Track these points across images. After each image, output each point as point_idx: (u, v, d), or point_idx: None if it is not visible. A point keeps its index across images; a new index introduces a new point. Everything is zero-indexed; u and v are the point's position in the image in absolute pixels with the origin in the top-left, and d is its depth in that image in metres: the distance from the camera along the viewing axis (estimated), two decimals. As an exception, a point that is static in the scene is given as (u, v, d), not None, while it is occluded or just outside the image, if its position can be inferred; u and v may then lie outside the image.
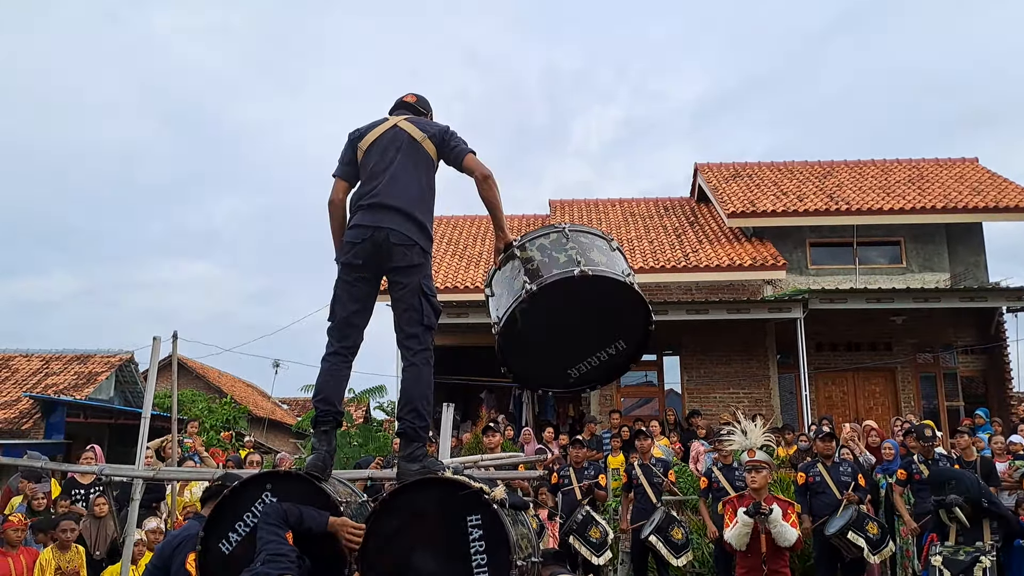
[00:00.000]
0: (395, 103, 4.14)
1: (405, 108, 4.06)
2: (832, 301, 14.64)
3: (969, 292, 14.94)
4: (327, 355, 3.65)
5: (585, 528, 8.61)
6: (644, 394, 17.10)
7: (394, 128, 3.86)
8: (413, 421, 3.55)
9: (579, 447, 9.54)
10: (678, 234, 17.95)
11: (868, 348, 16.26)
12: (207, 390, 24.75)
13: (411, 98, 4.12)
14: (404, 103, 4.10)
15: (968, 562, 5.61)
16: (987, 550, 5.61)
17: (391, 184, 3.69)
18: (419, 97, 4.14)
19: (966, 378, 16.49)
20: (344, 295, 3.68)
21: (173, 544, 3.80)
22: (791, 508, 6.39)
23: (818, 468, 8.54)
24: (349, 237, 3.69)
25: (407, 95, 4.14)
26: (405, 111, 4.02)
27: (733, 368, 16.00)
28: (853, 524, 7.95)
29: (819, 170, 19.28)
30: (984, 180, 17.80)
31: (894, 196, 16.96)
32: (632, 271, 3.86)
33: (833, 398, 16.21)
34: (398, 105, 4.10)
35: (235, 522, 3.29)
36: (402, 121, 3.89)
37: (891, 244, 17.08)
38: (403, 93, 4.18)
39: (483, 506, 3.16)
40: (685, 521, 9.08)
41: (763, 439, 6.86)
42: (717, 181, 18.77)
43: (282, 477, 3.40)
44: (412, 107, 4.07)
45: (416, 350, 3.60)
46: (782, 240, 16.88)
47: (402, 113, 4.00)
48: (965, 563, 5.61)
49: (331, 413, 3.58)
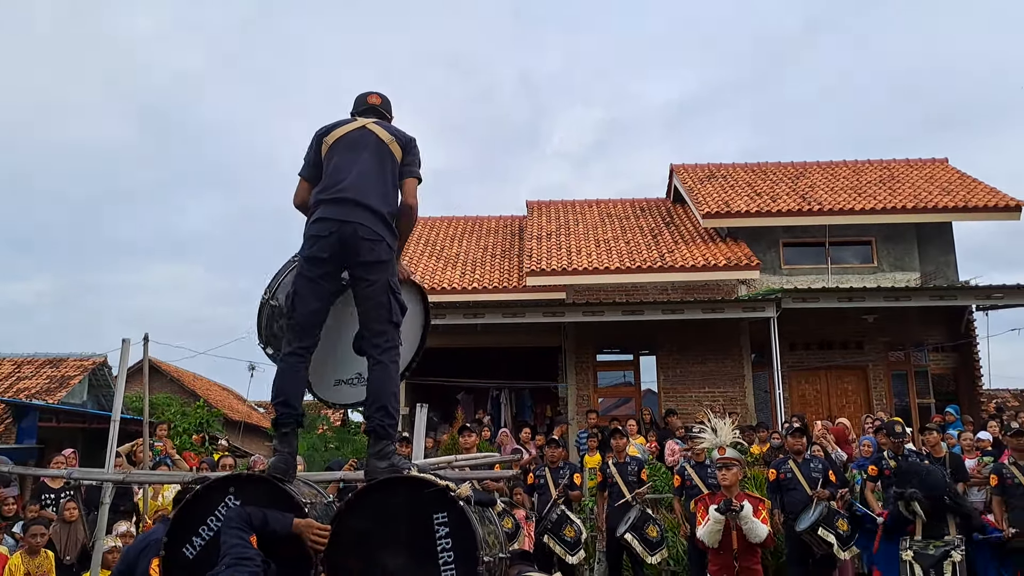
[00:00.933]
0: (358, 102, 4.11)
1: (371, 111, 4.05)
2: (805, 300, 14.79)
3: (939, 291, 15.13)
4: (285, 354, 3.58)
5: (560, 527, 8.63)
6: (621, 394, 17.17)
7: (362, 128, 3.87)
8: (382, 419, 3.52)
9: (554, 447, 9.57)
10: (654, 234, 18.04)
11: (840, 347, 16.43)
12: (182, 393, 24.52)
13: (376, 99, 4.10)
14: (369, 105, 4.08)
15: (938, 556, 5.67)
16: (956, 544, 5.67)
17: (358, 179, 3.67)
18: (383, 98, 4.13)
19: (937, 376, 16.70)
20: (306, 292, 3.59)
21: (138, 548, 3.76)
22: (762, 504, 6.45)
23: (789, 465, 8.63)
24: (314, 231, 3.63)
25: (371, 95, 4.12)
26: (371, 115, 4.02)
27: (708, 367, 16.11)
28: (823, 520, 8.03)
29: (792, 171, 19.46)
30: (954, 180, 18.04)
31: (865, 196, 17.15)
32: None
33: (806, 396, 16.36)
34: (363, 107, 4.08)
35: (198, 526, 3.27)
36: (371, 123, 3.90)
37: (863, 244, 17.27)
38: (366, 92, 4.15)
39: (449, 504, 3.17)
40: (660, 519, 9.14)
41: (733, 437, 6.91)
42: (692, 182, 18.89)
43: (245, 480, 3.38)
44: (377, 110, 4.06)
45: (384, 347, 3.56)
46: (756, 240, 17.02)
47: (369, 116, 4.00)
48: (935, 557, 5.68)
49: (292, 415, 3.54)
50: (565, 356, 16.41)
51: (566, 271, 16.24)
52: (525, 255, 17.27)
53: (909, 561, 5.75)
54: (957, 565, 5.59)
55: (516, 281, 16.88)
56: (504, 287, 16.65)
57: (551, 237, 18.06)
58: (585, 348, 16.44)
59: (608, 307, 15.12)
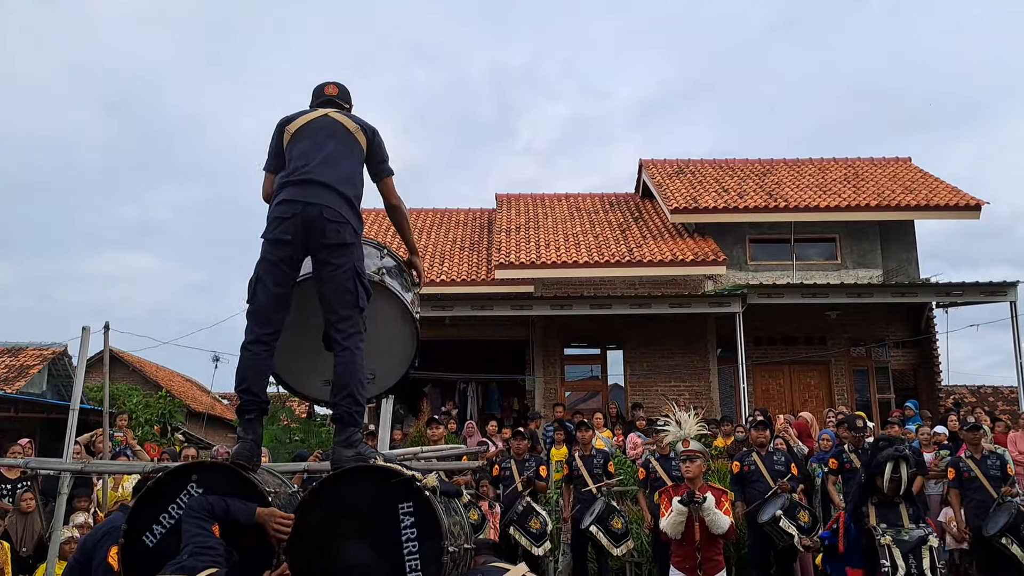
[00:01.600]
0: (316, 94, 4.04)
1: (329, 102, 3.98)
2: (770, 296, 14.99)
3: (901, 288, 15.42)
4: (247, 343, 3.49)
5: (525, 519, 8.66)
6: (588, 388, 17.28)
7: (326, 116, 3.81)
8: (349, 407, 3.47)
9: (520, 439, 9.58)
10: (623, 229, 18.12)
11: (804, 342, 16.67)
12: (143, 384, 24.14)
13: (333, 90, 4.02)
14: (327, 96, 4.00)
15: (915, 542, 5.74)
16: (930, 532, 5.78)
17: (323, 164, 3.61)
18: (340, 89, 4.06)
19: (897, 372, 17.02)
20: (268, 277, 3.51)
21: (96, 537, 3.69)
22: (724, 496, 6.51)
23: (753, 457, 8.74)
24: (277, 213, 3.55)
25: (328, 86, 4.04)
26: (330, 105, 3.95)
27: (675, 362, 16.27)
28: (785, 512, 8.15)
29: (759, 168, 19.65)
30: (917, 179, 18.34)
31: (830, 194, 17.38)
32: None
33: (770, 391, 16.57)
34: (321, 98, 4.01)
35: (160, 514, 3.22)
36: (333, 112, 3.86)
37: (827, 241, 17.50)
38: (323, 83, 4.07)
39: (415, 494, 3.15)
40: (625, 511, 9.20)
41: (697, 429, 6.97)
42: (661, 177, 19.00)
43: (208, 468, 3.34)
44: (336, 101, 3.99)
45: (350, 333, 3.49)
46: (723, 236, 17.17)
47: (328, 107, 3.94)
48: (912, 543, 5.74)
49: (255, 402, 3.48)
50: (533, 349, 16.46)
51: (535, 265, 16.26)
52: (494, 248, 17.26)
53: (888, 545, 5.77)
54: (934, 550, 5.67)
55: (484, 274, 16.86)
56: (472, 280, 16.62)
57: (520, 230, 18.07)
58: (553, 342, 16.49)
59: (576, 301, 15.18)
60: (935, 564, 5.62)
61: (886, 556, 5.71)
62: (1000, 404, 21.96)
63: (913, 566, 5.65)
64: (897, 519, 5.80)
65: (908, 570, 5.64)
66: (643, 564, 9.81)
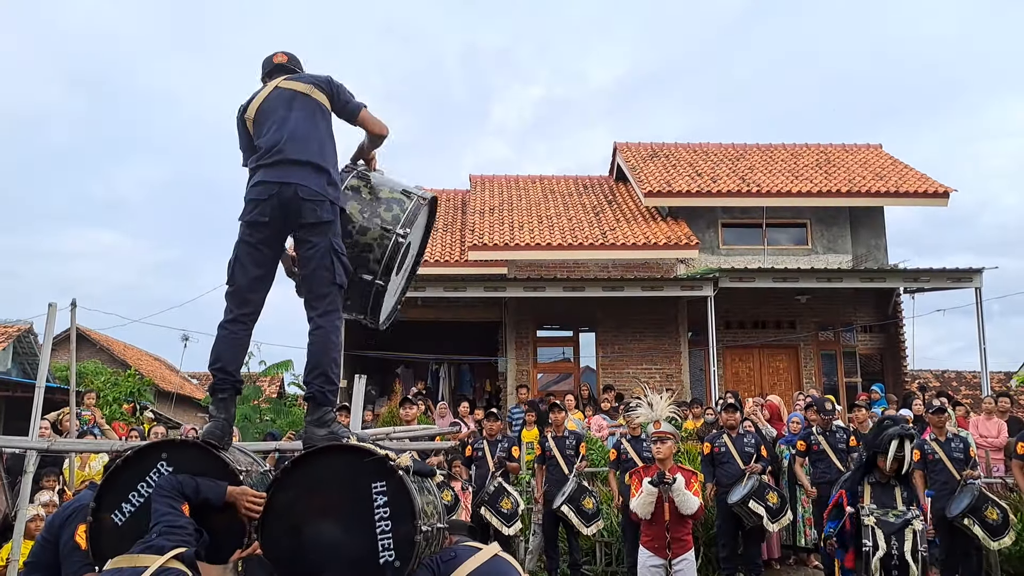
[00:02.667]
0: (264, 66, 3.95)
1: (279, 70, 3.89)
2: (742, 280, 15.11)
3: (869, 273, 15.63)
4: (225, 322, 3.48)
5: (497, 499, 8.69)
6: (560, 370, 17.34)
7: (276, 90, 3.73)
8: (322, 385, 3.46)
9: (492, 420, 9.60)
10: (596, 212, 18.14)
11: (774, 326, 16.86)
12: (111, 363, 23.84)
13: (281, 58, 3.93)
14: (276, 65, 3.91)
15: (899, 524, 5.80)
16: (916, 514, 5.83)
17: (291, 141, 3.55)
18: (289, 55, 3.96)
19: (864, 356, 17.28)
20: (246, 258, 3.50)
21: (64, 515, 3.64)
22: (694, 477, 6.57)
23: (723, 439, 8.85)
24: (253, 195, 3.52)
25: (276, 55, 3.94)
26: (280, 73, 3.86)
27: (646, 344, 16.36)
28: (754, 494, 8.26)
29: (732, 152, 19.75)
30: (887, 166, 18.54)
31: (802, 179, 17.52)
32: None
33: (740, 374, 16.75)
34: (270, 67, 3.92)
35: (128, 492, 3.17)
36: (281, 81, 3.77)
37: (798, 226, 17.67)
38: (270, 54, 3.97)
39: (388, 473, 3.14)
40: (596, 492, 9.27)
41: (668, 411, 7.02)
42: (635, 160, 19.02)
43: (178, 445, 3.30)
44: (285, 67, 3.90)
45: (326, 310, 3.47)
46: (695, 220, 17.26)
47: (277, 75, 3.85)
48: (896, 525, 5.80)
49: (228, 380, 3.45)
50: (505, 331, 16.47)
51: (508, 246, 16.24)
52: (468, 229, 17.20)
53: (872, 527, 5.83)
54: (918, 533, 5.74)
55: (458, 255, 16.82)
56: (446, 261, 16.57)
57: (494, 212, 18.02)
58: (525, 324, 16.51)
59: (549, 283, 15.20)
60: (917, 547, 5.68)
61: (869, 536, 5.80)
62: (963, 389, 22.42)
63: (895, 547, 5.73)
64: (892, 501, 5.86)
65: (889, 551, 5.72)
66: (613, 544, 9.90)
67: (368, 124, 3.82)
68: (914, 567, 5.62)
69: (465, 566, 3.27)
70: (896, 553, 5.68)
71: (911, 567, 5.62)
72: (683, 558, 6.33)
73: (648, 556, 6.40)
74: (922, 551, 5.68)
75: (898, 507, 5.84)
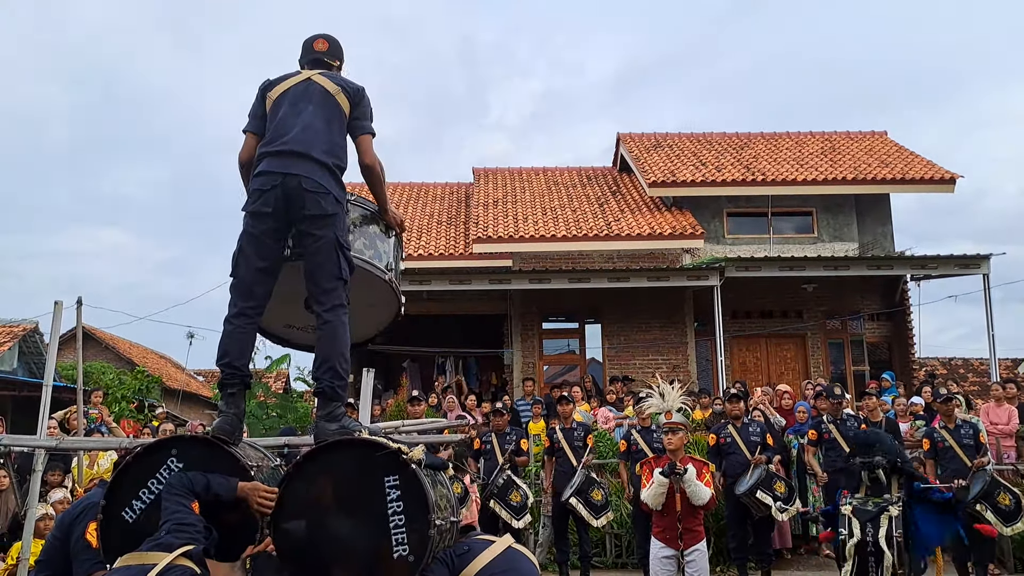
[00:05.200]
0: (305, 49, 3.91)
1: (316, 61, 3.86)
2: (747, 269, 15.06)
3: (876, 260, 15.55)
4: (230, 316, 3.44)
5: (506, 492, 8.67)
6: (566, 362, 17.30)
7: (307, 81, 3.69)
8: (332, 380, 3.42)
9: (499, 416, 9.56)
10: (600, 203, 18.07)
11: (780, 315, 16.79)
12: (117, 361, 23.88)
13: (322, 45, 3.88)
14: (316, 53, 3.88)
15: (876, 512, 5.85)
16: (894, 501, 5.87)
17: (303, 132, 3.51)
18: (331, 43, 3.92)
19: (872, 344, 17.21)
20: (250, 250, 3.45)
21: (74, 513, 3.62)
22: (706, 468, 6.54)
23: (729, 430, 8.82)
24: (257, 185, 3.47)
25: (317, 41, 3.90)
26: (318, 65, 3.84)
27: (652, 335, 16.31)
28: (761, 484, 8.24)
29: (736, 141, 19.65)
30: (892, 153, 18.43)
31: (807, 167, 17.42)
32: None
33: (747, 363, 16.69)
34: (309, 55, 3.89)
35: (139, 489, 3.15)
36: (316, 75, 3.72)
37: (803, 214, 17.57)
38: (312, 37, 3.93)
39: (401, 466, 3.11)
40: (605, 483, 9.25)
41: (680, 402, 6.99)
42: (639, 151, 18.94)
43: (188, 441, 3.27)
44: (323, 59, 3.87)
45: (331, 305, 3.42)
46: (700, 210, 17.18)
47: (315, 67, 3.83)
48: (873, 512, 5.85)
49: (237, 375, 3.41)
50: (511, 324, 16.44)
51: (512, 239, 16.18)
52: (472, 222, 17.15)
53: (848, 516, 5.94)
54: (893, 519, 5.78)
55: (462, 248, 16.77)
56: (450, 254, 16.52)
57: (498, 204, 17.97)
58: (531, 316, 16.47)
59: (554, 275, 15.15)
60: (891, 534, 5.73)
61: (844, 525, 5.90)
62: (971, 376, 22.35)
63: (870, 534, 5.77)
64: (886, 491, 5.92)
65: (863, 538, 5.78)
66: (623, 535, 9.89)
67: (362, 150, 3.71)
68: (888, 553, 5.66)
69: (480, 559, 3.25)
70: (871, 540, 5.74)
71: (885, 553, 5.66)
72: (695, 549, 6.31)
73: (660, 547, 6.38)
74: (896, 537, 5.71)
75: (893, 493, 5.90)
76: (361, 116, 3.72)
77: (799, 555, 10.07)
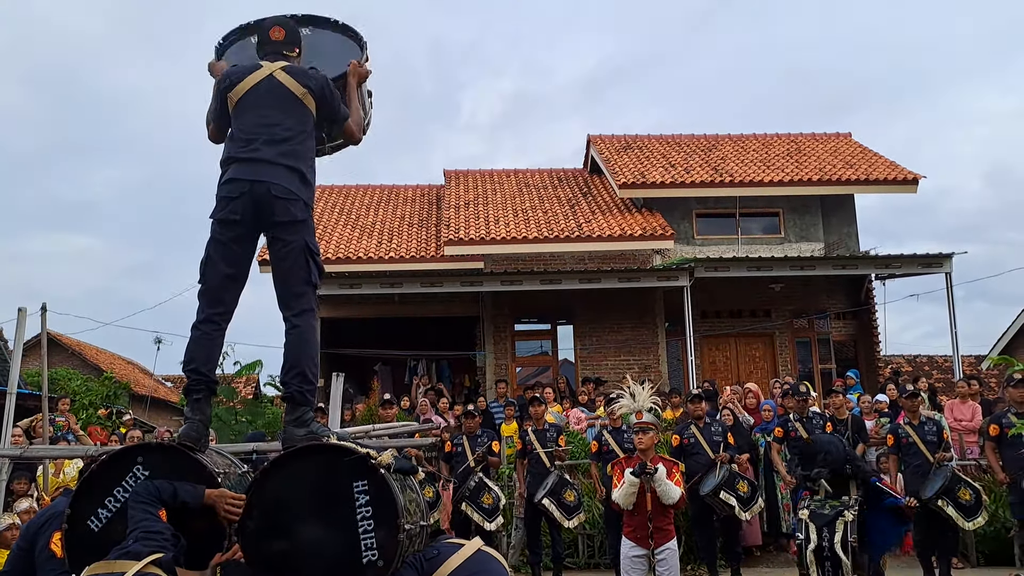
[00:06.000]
0: (261, 38, 3.81)
1: (276, 52, 3.75)
2: (716, 269, 15.22)
3: (842, 260, 15.79)
4: (198, 322, 3.44)
5: (478, 495, 8.67)
6: (539, 363, 17.36)
7: (270, 79, 3.60)
8: (300, 385, 3.42)
9: (471, 418, 9.55)
10: (571, 204, 18.15)
11: (749, 315, 16.97)
12: (84, 367, 23.51)
13: (279, 34, 3.77)
14: (272, 44, 3.77)
15: (832, 516, 5.91)
16: (851, 504, 5.93)
17: (270, 139, 3.50)
18: (287, 31, 3.80)
19: (838, 342, 17.45)
20: (217, 257, 3.45)
21: (39, 523, 3.58)
22: (676, 467, 6.60)
23: (691, 430, 8.87)
24: (224, 192, 3.47)
25: (273, 29, 3.78)
26: (277, 56, 3.73)
27: (624, 336, 16.42)
28: (724, 484, 8.30)
29: (704, 143, 19.83)
30: (856, 154, 18.71)
31: (773, 169, 17.63)
32: None
33: (717, 363, 16.85)
34: (266, 46, 3.79)
35: (105, 498, 3.13)
36: (278, 71, 3.62)
37: (770, 215, 17.77)
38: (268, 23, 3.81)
39: (370, 471, 3.12)
40: (577, 484, 9.29)
41: (650, 402, 7.04)
42: (609, 153, 19.05)
43: (154, 449, 3.25)
44: (283, 51, 3.76)
45: (302, 310, 3.44)
46: (670, 211, 17.31)
47: (273, 57, 3.72)
48: (829, 516, 5.92)
49: (203, 381, 3.41)
50: (483, 326, 16.45)
51: (484, 240, 16.20)
52: (443, 224, 17.14)
53: (805, 520, 6.01)
54: (848, 524, 5.85)
55: (434, 250, 16.76)
56: (422, 256, 16.50)
57: (469, 206, 17.97)
58: (503, 318, 16.51)
59: (526, 276, 15.20)
60: (847, 538, 5.81)
61: (801, 530, 5.98)
62: (935, 373, 22.75)
63: (826, 539, 5.85)
64: (844, 491, 6.00)
65: (820, 543, 5.85)
66: (595, 536, 9.94)
67: (348, 135, 3.90)
68: (844, 558, 5.73)
69: (449, 563, 3.26)
70: (826, 545, 5.80)
71: (842, 559, 5.73)
72: (665, 547, 6.36)
73: (630, 546, 6.42)
74: (851, 541, 5.78)
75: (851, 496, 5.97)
76: (331, 110, 3.70)
77: (768, 552, 10.18)
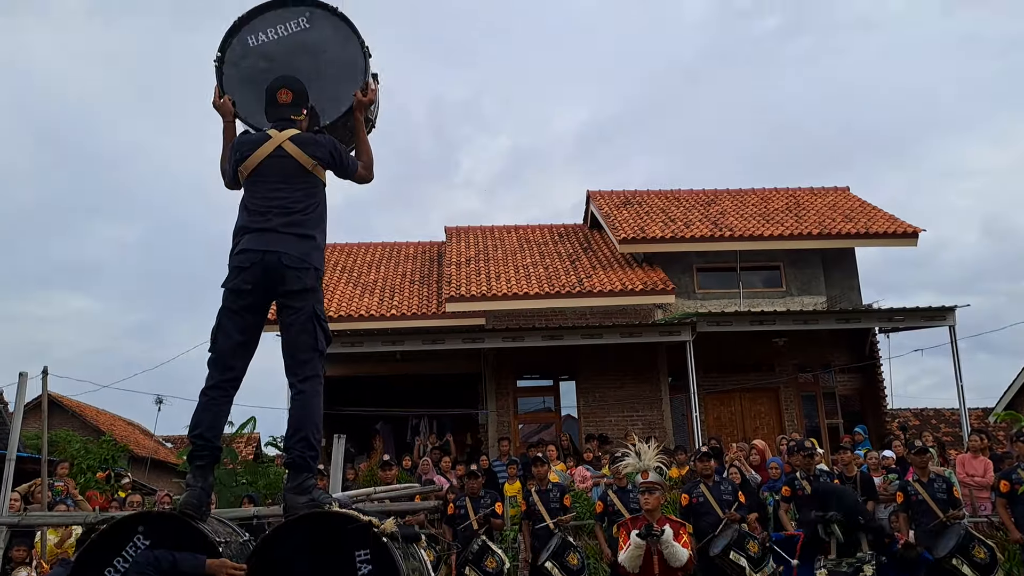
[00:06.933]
0: (269, 99, 3.85)
1: (284, 119, 3.80)
2: (719, 324, 15.19)
3: (845, 314, 15.77)
4: (207, 388, 3.45)
5: (481, 558, 8.51)
6: (542, 420, 17.22)
7: (279, 151, 3.67)
8: (303, 451, 3.41)
9: (474, 479, 9.43)
10: (572, 260, 18.23)
11: (752, 369, 16.88)
12: (83, 429, 23.32)
13: (286, 96, 3.81)
14: (280, 108, 3.82)
15: (851, 573, 5.80)
16: (868, 559, 5.83)
17: (281, 211, 3.59)
18: (294, 92, 3.83)
19: (844, 396, 17.33)
20: (229, 325, 3.50)
21: (36, 596, 3.53)
22: (683, 528, 6.48)
23: (700, 488, 8.71)
24: (236, 262, 3.52)
25: (280, 91, 3.82)
26: (286, 123, 3.79)
27: (627, 392, 16.33)
28: (734, 544, 8.12)
29: (704, 198, 20.01)
30: (855, 208, 18.86)
31: (773, 223, 17.75)
32: None
33: (722, 418, 16.71)
34: (275, 112, 3.84)
35: (104, 568, 3.08)
36: (287, 142, 3.68)
37: (771, 269, 17.83)
38: (276, 85, 3.85)
39: (373, 540, 3.08)
40: (581, 546, 9.12)
41: (656, 460, 6.95)
42: (609, 208, 19.21)
43: (155, 518, 3.21)
44: (290, 115, 3.81)
45: (306, 376, 3.46)
46: (670, 265, 17.38)
47: (281, 124, 3.78)
48: (848, 573, 5.81)
49: (207, 447, 3.40)
50: (485, 383, 16.36)
51: (485, 297, 16.24)
52: (444, 281, 17.20)
53: None
54: None
55: (435, 307, 16.78)
56: (423, 313, 16.51)
57: (470, 263, 18.05)
58: (505, 374, 16.43)
59: (528, 332, 15.17)
60: None
61: None
62: (943, 427, 22.53)
63: None
64: (856, 548, 5.89)
65: None
66: (601, 599, 9.72)
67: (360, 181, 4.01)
68: None
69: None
70: None
71: None
72: (674, 611, 6.21)
73: (639, 610, 6.27)
74: None
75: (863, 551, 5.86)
76: (342, 170, 3.87)
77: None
